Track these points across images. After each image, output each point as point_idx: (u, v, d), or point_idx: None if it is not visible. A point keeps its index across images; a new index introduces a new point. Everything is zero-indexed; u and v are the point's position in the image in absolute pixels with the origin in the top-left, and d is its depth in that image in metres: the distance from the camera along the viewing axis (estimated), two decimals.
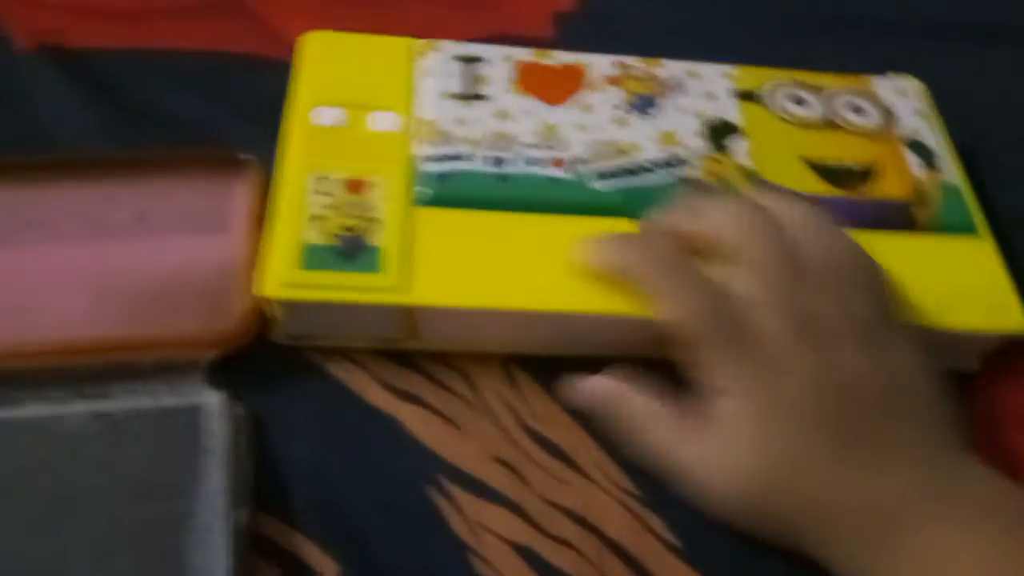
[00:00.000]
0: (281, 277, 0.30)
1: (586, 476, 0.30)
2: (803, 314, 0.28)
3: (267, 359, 0.31)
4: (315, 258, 0.30)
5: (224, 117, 0.38)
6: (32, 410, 0.29)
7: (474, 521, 0.29)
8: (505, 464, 0.30)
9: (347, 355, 0.32)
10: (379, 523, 0.29)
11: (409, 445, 0.30)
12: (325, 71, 0.35)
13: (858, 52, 0.42)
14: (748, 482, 0.28)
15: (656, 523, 0.30)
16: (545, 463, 0.31)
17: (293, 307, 0.30)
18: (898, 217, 0.35)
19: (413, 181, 0.32)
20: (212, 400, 0.29)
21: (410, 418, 0.31)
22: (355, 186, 0.32)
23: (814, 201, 0.33)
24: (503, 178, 0.33)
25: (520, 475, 0.30)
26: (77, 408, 0.29)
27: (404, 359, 0.32)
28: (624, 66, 0.37)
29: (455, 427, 0.31)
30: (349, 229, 0.31)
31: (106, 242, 0.33)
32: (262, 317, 0.31)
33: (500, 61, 0.36)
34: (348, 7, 0.42)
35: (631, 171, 0.34)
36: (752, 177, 0.34)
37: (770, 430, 0.28)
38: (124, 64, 0.39)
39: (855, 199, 0.35)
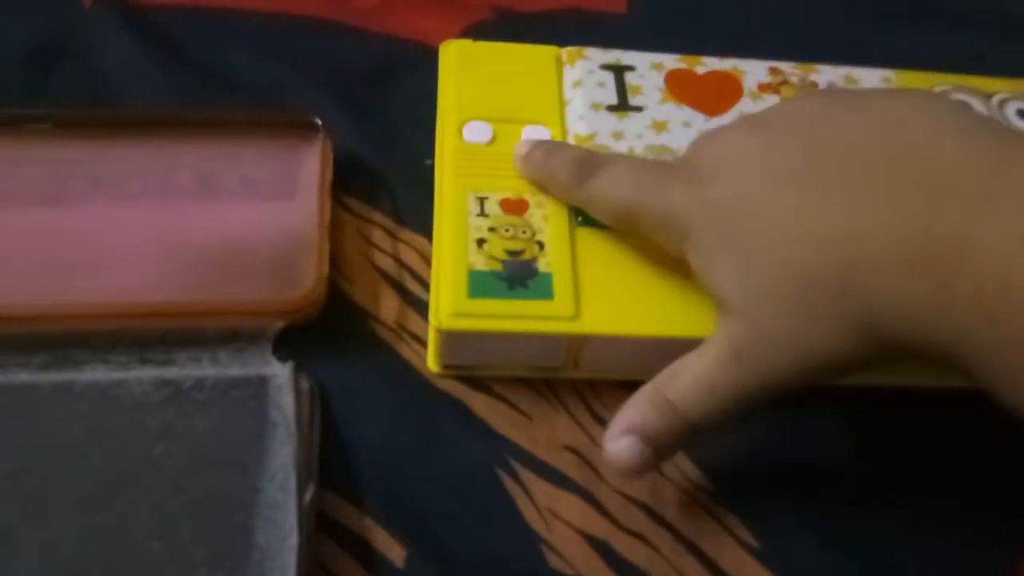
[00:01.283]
0: (453, 307, 0.28)
1: (659, 471, 0.29)
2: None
3: (333, 331, 0.30)
4: (482, 285, 0.29)
5: (289, 80, 0.37)
6: (94, 374, 0.28)
7: (545, 509, 0.28)
8: (577, 453, 0.29)
9: (415, 335, 0.31)
10: (448, 508, 0.28)
11: (479, 429, 0.29)
12: (471, 83, 0.34)
13: (946, 40, 0.41)
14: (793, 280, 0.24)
15: (732, 521, 0.28)
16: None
17: (458, 337, 0.29)
18: None
19: None
20: (280, 372, 0.28)
21: (479, 404, 0.30)
22: (515, 206, 0.31)
23: None
24: None
25: (592, 465, 0.29)
26: (141, 374, 0.28)
27: None
28: (778, 73, 0.35)
29: (525, 416, 0.30)
30: (514, 253, 0.30)
31: (172, 204, 0.32)
32: (331, 287, 0.30)
33: (649, 69, 0.35)
34: None
35: None
36: None
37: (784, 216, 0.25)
38: (188, 21, 0.38)
39: None
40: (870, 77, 0.36)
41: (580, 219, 0.31)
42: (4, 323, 0.28)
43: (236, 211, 0.32)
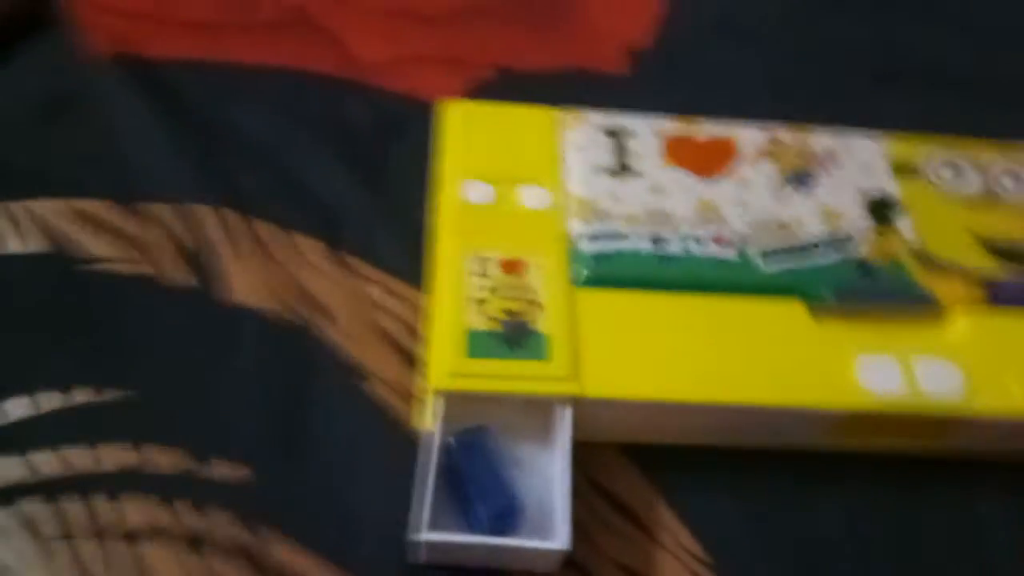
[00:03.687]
0: (449, 367, 0.28)
1: (654, 538, 0.29)
2: None
3: None
4: (480, 345, 0.29)
5: (290, 136, 0.37)
6: None
7: None
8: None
9: (413, 394, 0.31)
10: None
11: None
12: (470, 143, 0.35)
13: (927, 103, 0.41)
14: None
15: None
16: (613, 523, 0.29)
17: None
18: None
19: (571, 261, 0.31)
20: None
21: None
22: (512, 266, 0.31)
23: (992, 284, 0.31)
24: (665, 258, 0.32)
25: (586, 533, 0.29)
26: None
27: None
28: (775, 140, 0.36)
29: None
30: (512, 313, 0.30)
31: None
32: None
33: (648, 134, 0.35)
34: (426, 31, 0.42)
35: (797, 250, 0.33)
36: (922, 256, 0.33)
37: None
38: (198, 76, 0.39)
39: None
40: (864, 143, 0.36)
41: (580, 280, 0.31)
42: None
43: None
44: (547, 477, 0.29)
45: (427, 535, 0.26)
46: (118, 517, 0.27)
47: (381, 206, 0.36)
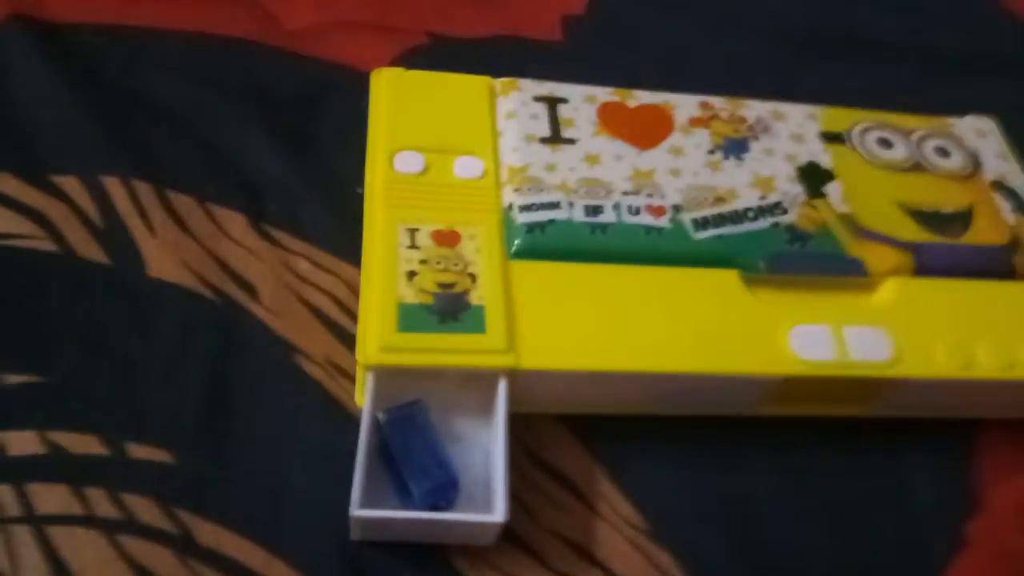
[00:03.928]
0: (381, 341, 0.27)
1: (593, 508, 0.29)
2: None
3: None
4: (411, 319, 0.28)
5: (212, 104, 0.35)
6: None
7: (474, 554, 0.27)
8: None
9: (345, 371, 0.30)
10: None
11: None
12: (403, 113, 0.33)
13: (870, 73, 0.42)
14: None
15: (664, 560, 0.28)
16: (552, 494, 0.29)
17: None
18: (997, 263, 0.33)
19: (505, 231, 0.31)
20: None
21: None
22: (446, 238, 0.30)
23: (917, 248, 0.32)
24: (600, 228, 0.31)
25: (525, 505, 0.28)
26: None
27: None
28: (709, 107, 0.36)
29: None
30: (445, 286, 0.29)
31: None
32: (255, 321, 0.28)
33: (583, 102, 0.35)
34: None
35: (731, 218, 0.32)
36: (851, 223, 0.33)
37: None
38: (107, 41, 0.36)
39: (955, 245, 0.33)
40: (796, 112, 0.37)
41: (513, 251, 0.30)
42: None
43: None
44: (487, 451, 0.28)
45: (360, 512, 0.25)
46: (24, 506, 0.26)
47: (308, 177, 0.34)
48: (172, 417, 0.28)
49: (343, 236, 0.32)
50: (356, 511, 0.25)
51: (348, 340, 0.31)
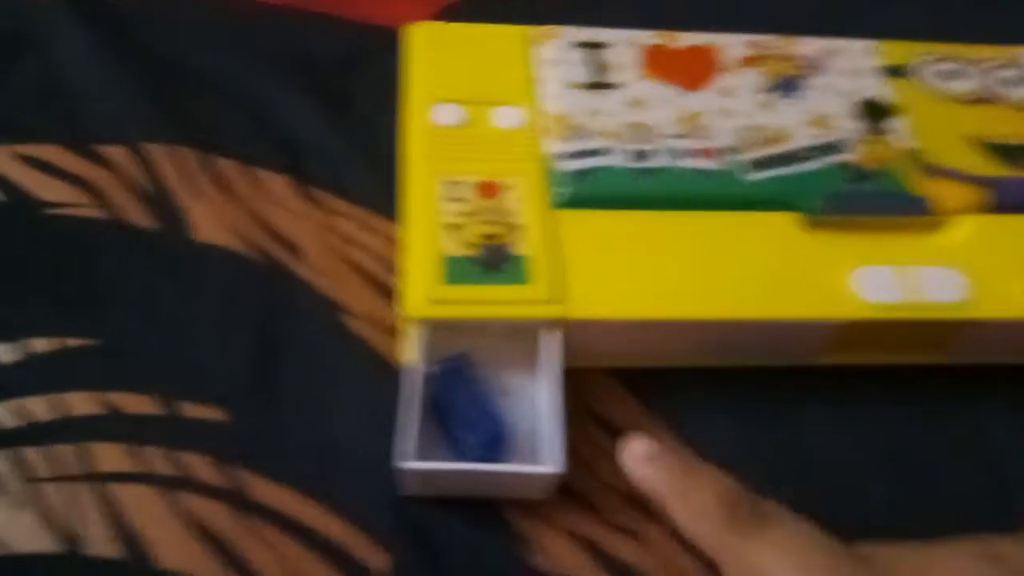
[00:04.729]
0: (426, 294, 0.27)
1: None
2: None
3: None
4: (457, 271, 0.27)
5: (253, 69, 0.35)
6: None
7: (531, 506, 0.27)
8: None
9: (389, 328, 0.29)
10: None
11: None
12: (438, 65, 0.33)
13: (928, 8, 0.39)
14: None
15: None
16: (609, 448, 0.28)
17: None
18: None
19: (549, 181, 0.30)
20: None
21: None
22: (488, 189, 0.29)
23: (992, 183, 0.30)
24: (647, 173, 0.30)
25: (581, 459, 0.28)
26: None
27: None
28: (759, 45, 0.34)
29: None
30: (489, 237, 0.28)
31: None
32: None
33: (625, 46, 0.33)
34: None
35: (786, 159, 0.31)
36: (918, 160, 0.31)
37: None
38: (148, 11, 0.37)
39: None
40: (853, 47, 0.35)
41: (558, 200, 0.30)
42: None
43: None
44: (536, 405, 0.28)
45: (413, 464, 0.25)
46: (84, 464, 0.26)
47: (349, 138, 0.34)
48: (223, 377, 0.28)
49: (385, 195, 0.32)
50: (409, 463, 0.25)
51: (393, 298, 0.30)
